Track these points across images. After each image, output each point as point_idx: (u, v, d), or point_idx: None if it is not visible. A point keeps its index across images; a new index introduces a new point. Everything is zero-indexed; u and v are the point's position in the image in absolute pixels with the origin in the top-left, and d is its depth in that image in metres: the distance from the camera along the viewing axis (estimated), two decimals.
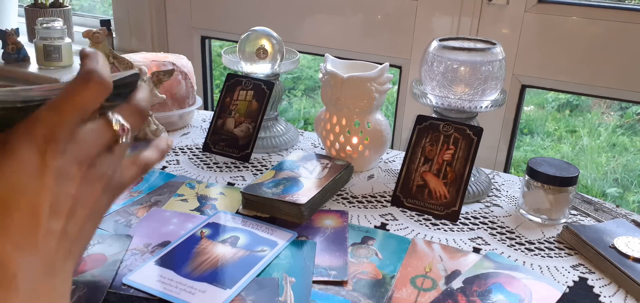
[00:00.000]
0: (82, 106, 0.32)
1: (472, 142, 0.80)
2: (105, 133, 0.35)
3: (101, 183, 0.35)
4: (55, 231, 0.32)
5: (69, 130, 0.32)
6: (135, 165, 0.40)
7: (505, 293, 0.61)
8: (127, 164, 0.39)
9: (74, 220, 0.34)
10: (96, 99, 0.33)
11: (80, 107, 0.32)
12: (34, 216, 0.31)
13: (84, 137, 0.34)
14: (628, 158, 2.29)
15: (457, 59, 0.80)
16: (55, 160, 0.32)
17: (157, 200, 0.80)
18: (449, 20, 1.26)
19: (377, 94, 0.87)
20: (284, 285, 0.61)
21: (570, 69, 1.20)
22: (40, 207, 0.31)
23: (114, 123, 0.36)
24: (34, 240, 0.31)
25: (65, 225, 0.33)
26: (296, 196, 0.75)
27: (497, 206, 0.83)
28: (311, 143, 1.04)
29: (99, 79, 0.32)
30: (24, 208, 0.31)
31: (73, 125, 0.33)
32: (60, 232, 0.33)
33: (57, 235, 0.33)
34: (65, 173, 0.32)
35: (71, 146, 0.33)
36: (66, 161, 0.32)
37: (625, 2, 1.60)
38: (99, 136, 0.35)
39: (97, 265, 0.63)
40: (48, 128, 0.31)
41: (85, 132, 0.34)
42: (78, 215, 0.34)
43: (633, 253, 0.67)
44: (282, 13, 1.47)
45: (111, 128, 0.35)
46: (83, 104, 0.32)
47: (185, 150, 0.99)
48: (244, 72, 0.99)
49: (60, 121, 0.32)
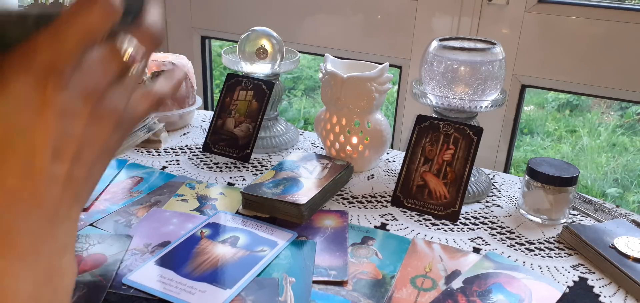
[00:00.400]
0: (88, 31, 0.28)
1: (472, 142, 0.80)
2: (115, 62, 0.30)
3: (111, 119, 0.31)
4: (58, 177, 0.28)
5: (73, 59, 0.28)
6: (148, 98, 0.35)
7: (505, 293, 0.61)
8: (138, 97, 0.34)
9: (81, 162, 0.30)
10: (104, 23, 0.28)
11: (86, 32, 0.28)
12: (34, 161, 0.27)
13: (91, 67, 0.29)
14: (628, 158, 2.29)
15: (457, 59, 0.80)
16: (57, 95, 0.27)
17: (157, 200, 0.80)
18: (449, 20, 1.26)
19: (377, 94, 0.87)
20: (284, 285, 0.61)
21: (570, 69, 1.20)
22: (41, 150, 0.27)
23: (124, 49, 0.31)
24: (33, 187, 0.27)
25: (70, 168, 0.29)
26: (296, 196, 0.75)
27: (497, 206, 0.83)
28: (311, 143, 1.04)
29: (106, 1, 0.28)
30: (21, 152, 0.27)
31: (77, 53, 0.28)
32: (65, 177, 0.29)
33: (61, 180, 0.29)
34: (69, 109, 0.28)
35: (76, 78, 0.28)
36: (70, 96, 0.28)
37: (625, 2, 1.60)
38: (107, 66, 0.30)
39: (97, 265, 0.63)
40: (49, 57, 0.27)
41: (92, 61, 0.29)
42: (85, 156, 0.30)
43: (633, 253, 0.67)
44: (282, 13, 1.47)
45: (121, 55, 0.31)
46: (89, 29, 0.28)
47: (185, 150, 0.99)
48: (244, 72, 0.99)
49: (63, 49, 0.27)
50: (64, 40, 0.27)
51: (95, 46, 0.29)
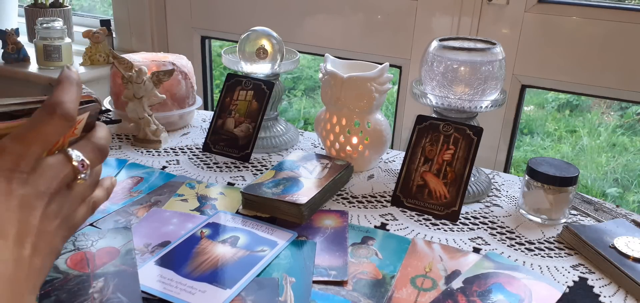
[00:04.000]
0: (46, 138, 0.32)
1: (472, 142, 0.80)
2: (65, 168, 0.35)
3: (57, 220, 0.35)
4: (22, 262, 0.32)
5: (32, 161, 0.32)
6: (86, 205, 0.39)
7: (505, 293, 0.61)
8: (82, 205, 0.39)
9: (38, 252, 0.33)
10: (59, 132, 0.33)
11: (44, 139, 0.32)
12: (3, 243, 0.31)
13: (45, 170, 0.34)
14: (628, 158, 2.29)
15: (457, 59, 0.80)
16: (20, 189, 0.32)
17: (157, 199, 0.80)
18: (449, 20, 1.26)
19: (377, 94, 0.87)
20: (284, 285, 0.61)
21: (570, 69, 1.20)
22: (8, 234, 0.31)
23: (74, 158, 0.35)
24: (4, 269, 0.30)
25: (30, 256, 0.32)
26: (296, 196, 0.75)
27: (497, 206, 0.83)
28: (311, 143, 1.04)
29: (63, 113, 0.32)
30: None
31: (37, 157, 0.33)
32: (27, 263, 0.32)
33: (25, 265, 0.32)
34: (29, 203, 0.32)
35: (34, 177, 0.33)
36: (30, 191, 0.32)
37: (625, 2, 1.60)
38: (59, 170, 0.34)
39: (114, 257, 0.64)
40: (13, 157, 0.32)
41: (47, 165, 0.34)
42: (40, 248, 0.33)
43: (633, 253, 0.67)
44: (282, 13, 1.47)
45: (71, 162, 0.35)
46: (46, 137, 0.32)
47: (185, 150, 0.99)
48: (244, 72, 0.99)
49: (25, 152, 0.32)
50: (26, 144, 0.32)
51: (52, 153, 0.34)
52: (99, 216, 0.74)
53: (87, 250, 0.65)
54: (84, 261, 0.63)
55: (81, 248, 0.65)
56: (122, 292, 0.58)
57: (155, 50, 1.68)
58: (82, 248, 0.66)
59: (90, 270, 0.61)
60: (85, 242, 0.67)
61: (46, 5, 1.76)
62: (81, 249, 0.65)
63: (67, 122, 0.33)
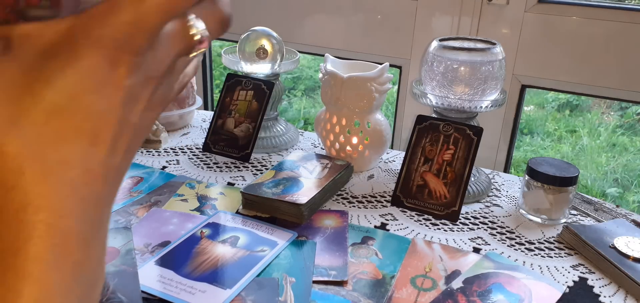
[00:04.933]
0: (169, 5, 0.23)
1: (472, 142, 0.80)
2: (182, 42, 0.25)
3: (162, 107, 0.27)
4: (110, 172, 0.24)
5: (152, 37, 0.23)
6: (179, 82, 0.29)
7: (505, 293, 0.61)
8: None
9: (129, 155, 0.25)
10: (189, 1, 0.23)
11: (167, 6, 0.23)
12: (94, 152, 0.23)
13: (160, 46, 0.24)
14: (628, 158, 2.29)
15: (457, 59, 0.80)
16: (129, 78, 0.23)
17: (157, 199, 0.80)
18: (449, 20, 1.26)
19: (377, 94, 0.87)
20: (284, 285, 0.61)
21: (570, 69, 1.20)
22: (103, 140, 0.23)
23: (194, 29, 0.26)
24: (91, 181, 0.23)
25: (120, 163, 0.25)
26: (296, 196, 0.75)
27: (497, 206, 0.83)
28: (311, 143, 1.04)
29: None
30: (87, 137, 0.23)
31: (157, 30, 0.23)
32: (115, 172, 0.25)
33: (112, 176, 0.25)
34: (135, 95, 0.24)
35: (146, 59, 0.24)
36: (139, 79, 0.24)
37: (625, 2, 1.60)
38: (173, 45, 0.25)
39: (114, 257, 0.64)
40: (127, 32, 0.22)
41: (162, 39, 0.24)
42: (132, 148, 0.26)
43: (633, 253, 0.67)
44: (282, 13, 1.47)
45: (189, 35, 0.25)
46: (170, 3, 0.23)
47: (185, 150, 0.99)
48: (244, 72, 0.99)
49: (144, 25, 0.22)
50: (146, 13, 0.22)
51: None
52: None
53: None
54: None
55: None
56: (122, 292, 0.58)
57: None
58: None
59: None
60: None
61: None
62: None
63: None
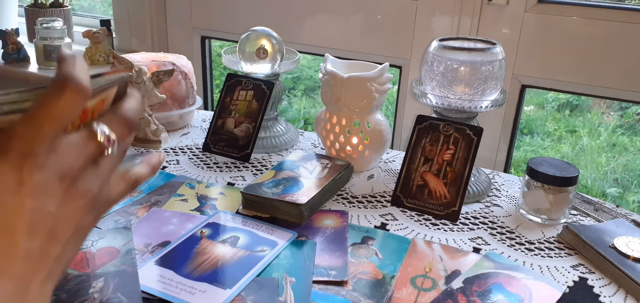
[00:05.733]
0: (60, 114, 0.29)
1: (472, 142, 0.80)
2: (89, 145, 0.32)
3: (85, 199, 0.33)
4: (32, 253, 0.30)
5: (47, 142, 0.30)
6: (124, 180, 0.37)
7: (505, 293, 0.61)
8: (115, 179, 0.36)
9: (55, 239, 0.31)
10: (75, 107, 0.30)
11: (58, 116, 0.29)
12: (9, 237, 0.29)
13: (65, 149, 0.31)
14: (628, 158, 2.29)
15: (457, 59, 0.80)
16: (33, 175, 0.29)
17: (157, 199, 0.80)
18: (449, 20, 1.26)
19: (377, 94, 0.87)
20: (284, 285, 0.61)
21: (570, 69, 1.20)
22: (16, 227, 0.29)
23: (98, 134, 0.33)
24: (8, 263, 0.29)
25: (44, 245, 0.30)
26: (296, 196, 0.75)
27: (497, 206, 0.83)
28: (311, 143, 1.04)
29: (75, 86, 0.29)
30: None
31: (52, 137, 0.30)
32: (39, 254, 0.30)
33: (35, 257, 0.30)
34: (44, 188, 0.30)
35: (51, 160, 0.30)
36: (46, 176, 0.30)
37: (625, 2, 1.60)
38: (82, 148, 0.32)
39: (114, 257, 0.64)
40: (24, 142, 0.29)
41: (67, 144, 0.31)
42: (59, 234, 0.31)
43: (633, 253, 0.67)
44: (282, 13, 1.47)
45: (95, 139, 0.33)
46: (61, 113, 0.29)
47: (185, 150, 0.99)
48: (244, 72, 0.99)
49: (38, 133, 0.29)
50: (38, 124, 0.29)
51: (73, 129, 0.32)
52: None
53: (87, 250, 0.65)
54: (84, 261, 0.63)
55: (81, 248, 0.65)
56: (122, 292, 0.58)
57: (155, 50, 1.68)
58: (82, 248, 0.66)
59: (90, 270, 0.62)
60: (85, 242, 0.67)
61: (46, 5, 1.76)
62: (81, 249, 0.65)
63: (81, 94, 0.30)
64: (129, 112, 0.35)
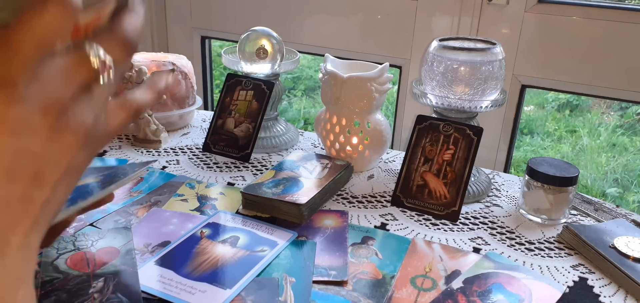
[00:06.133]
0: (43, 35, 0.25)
1: (472, 142, 0.80)
2: (81, 70, 0.27)
3: (77, 134, 0.28)
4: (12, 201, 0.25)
5: (28, 68, 0.25)
6: (124, 109, 0.32)
7: (505, 293, 0.61)
8: (113, 108, 0.31)
9: (41, 183, 0.27)
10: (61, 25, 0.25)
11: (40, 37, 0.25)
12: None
13: (51, 76, 0.26)
14: (628, 158, 2.29)
15: (457, 59, 0.80)
16: (11, 109, 0.25)
17: (157, 199, 0.80)
18: (449, 20, 1.26)
19: (377, 94, 0.87)
20: (284, 285, 0.61)
21: (570, 69, 1.20)
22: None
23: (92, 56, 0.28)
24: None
25: (27, 191, 0.26)
26: (296, 196, 0.75)
27: (497, 206, 0.83)
28: (311, 143, 1.04)
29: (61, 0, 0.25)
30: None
31: (34, 61, 0.25)
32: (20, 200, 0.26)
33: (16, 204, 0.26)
34: (25, 124, 0.25)
35: (33, 89, 0.25)
36: (27, 110, 0.25)
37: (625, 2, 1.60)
38: (71, 75, 0.27)
39: (113, 257, 0.64)
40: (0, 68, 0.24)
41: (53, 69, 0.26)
42: (45, 177, 0.27)
43: (633, 253, 0.67)
44: (282, 13, 1.47)
45: (88, 63, 0.28)
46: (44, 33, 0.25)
47: (185, 150, 0.99)
48: (244, 72, 0.99)
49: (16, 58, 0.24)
50: (16, 48, 0.24)
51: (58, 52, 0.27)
52: (99, 216, 0.74)
53: (87, 250, 0.65)
54: (84, 261, 0.63)
55: (81, 248, 0.65)
56: (122, 292, 0.58)
57: (155, 50, 1.68)
58: (82, 248, 0.66)
59: (90, 270, 0.62)
60: (85, 242, 0.67)
61: None
62: (81, 249, 0.65)
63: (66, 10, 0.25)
64: (129, 31, 0.30)
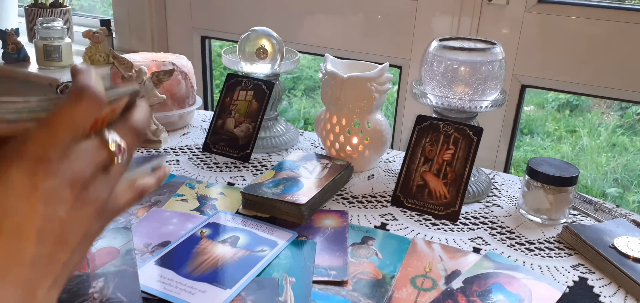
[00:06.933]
0: (76, 122, 0.31)
1: (472, 142, 0.80)
2: (101, 152, 0.33)
3: (94, 206, 0.33)
4: (41, 259, 0.30)
5: (61, 149, 0.30)
6: (132, 190, 0.38)
7: (505, 293, 0.61)
8: (122, 188, 0.37)
9: (64, 246, 0.31)
10: (90, 115, 0.31)
11: (74, 124, 0.30)
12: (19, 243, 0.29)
13: (78, 156, 0.32)
14: (628, 158, 2.29)
15: (457, 59, 0.80)
16: (45, 181, 0.30)
17: (157, 200, 0.80)
18: (449, 20, 1.26)
19: (377, 94, 0.87)
20: (284, 285, 0.61)
21: (570, 69, 1.20)
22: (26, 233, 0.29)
23: (110, 142, 0.34)
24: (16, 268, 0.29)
25: (53, 251, 0.31)
26: (296, 196, 0.75)
27: (497, 206, 0.83)
28: (311, 143, 1.04)
29: (92, 95, 0.31)
30: (8, 233, 0.29)
31: (66, 143, 0.31)
32: (47, 260, 0.31)
33: (43, 263, 0.30)
34: (56, 195, 0.30)
35: (64, 166, 0.31)
36: (58, 182, 0.30)
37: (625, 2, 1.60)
38: (94, 156, 0.33)
39: (114, 257, 0.64)
40: (39, 147, 0.30)
41: (80, 151, 0.32)
42: (68, 240, 0.32)
43: (633, 253, 0.67)
44: (282, 13, 1.47)
45: (107, 147, 0.33)
46: (76, 121, 0.31)
47: (185, 150, 0.99)
48: (244, 72, 0.99)
49: (52, 139, 0.30)
50: (53, 130, 0.30)
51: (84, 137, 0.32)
52: None
53: None
54: (84, 261, 0.63)
55: None
56: (122, 292, 0.58)
57: (155, 50, 1.68)
58: None
59: (90, 270, 0.62)
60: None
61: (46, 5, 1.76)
62: None
63: (96, 104, 0.31)
64: (139, 122, 0.36)
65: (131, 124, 0.36)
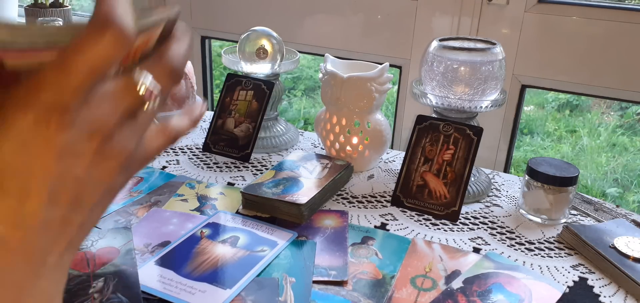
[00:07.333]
0: (97, 62, 0.24)
1: (472, 142, 0.80)
2: (128, 97, 0.27)
3: (119, 159, 0.27)
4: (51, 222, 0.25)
5: (80, 94, 0.24)
6: (164, 134, 0.31)
7: (505, 293, 0.61)
8: (152, 133, 0.31)
9: (80, 206, 0.26)
10: (114, 52, 0.24)
11: (95, 63, 0.24)
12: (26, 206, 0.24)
13: (100, 102, 0.26)
14: (628, 158, 2.29)
15: (457, 59, 0.80)
16: (61, 133, 0.24)
17: (157, 199, 0.80)
18: (449, 20, 1.26)
19: (377, 94, 0.87)
20: (284, 285, 0.61)
21: (570, 69, 1.20)
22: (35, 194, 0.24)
23: (139, 84, 0.27)
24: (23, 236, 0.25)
25: (67, 213, 0.26)
26: (296, 196, 0.75)
27: (497, 206, 0.83)
28: (311, 143, 1.04)
29: (117, 27, 0.24)
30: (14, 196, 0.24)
31: (85, 87, 0.24)
32: (59, 222, 0.26)
33: (55, 226, 0.26)
34: (73, 149, 0.25)
35: (82, 115, 0.25)
36: (75, 135, 0.25)
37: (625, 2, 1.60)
38: (119, 101, 0.26)
39: (114, 257, 0.64)
40: (53, 92, 0.24)
41: (102, 95, 0.26)
42: (85, 200, 0.27)
43: (633, 253, 0.67)
44: (282, 13, 1.47)
45: (135, 90, 0.27)
46: (98, 60, 0.24)
47: (185, 150, 0.99)
48: (244, 72, 0.99)
49: (69, 82, 0.24)
50: (71, 73, 0.24)
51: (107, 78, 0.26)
52: None
53: (87, 250, 0.65)
54: (84, 261, 0.63)
55: (81, 248, 0.65)
56: (122, 292, 0.58)
57: None
58: (82, 248, 0.66)
59: (90, 270, 0.62)
60: (85, 242, 0.67)
61: (46, 5, 1.76)
62: (81, 249, 0.65)
63: (123, 39, 0.24)
64: (176, 59, 0.29)
65: (167, 61, 0.29)
